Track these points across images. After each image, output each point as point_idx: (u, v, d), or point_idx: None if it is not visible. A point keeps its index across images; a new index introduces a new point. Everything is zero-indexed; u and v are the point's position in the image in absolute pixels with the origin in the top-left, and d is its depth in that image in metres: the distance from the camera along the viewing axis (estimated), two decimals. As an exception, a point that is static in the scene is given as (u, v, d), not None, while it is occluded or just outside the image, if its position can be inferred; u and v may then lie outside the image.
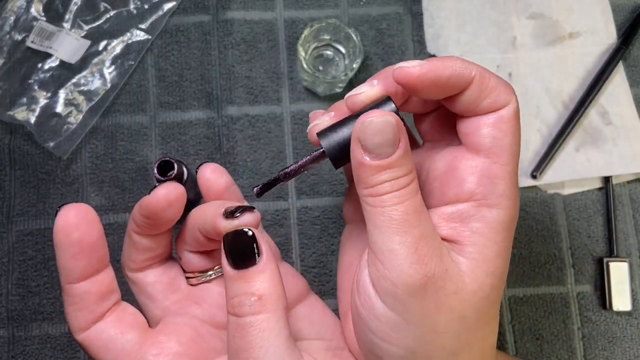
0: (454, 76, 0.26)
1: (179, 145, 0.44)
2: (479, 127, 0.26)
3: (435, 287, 0.25)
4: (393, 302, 0.25)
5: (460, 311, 0.25)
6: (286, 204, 0.43)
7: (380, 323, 0.26)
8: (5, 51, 0.45)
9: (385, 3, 0.47)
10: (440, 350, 0.26)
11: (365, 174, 0.26)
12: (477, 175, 0.26)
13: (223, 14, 0.46)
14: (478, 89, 0.26)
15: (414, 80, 0.26)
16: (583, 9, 0.47)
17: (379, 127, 0.25)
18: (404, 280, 0.25)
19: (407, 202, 0.25)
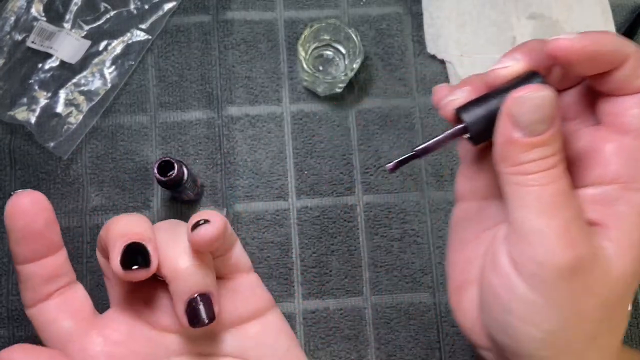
0: (614, 52, 0.25)
1: (179, 146, 0.44)
2: (630, 107, 0.25)
3: (584, 271, 0.24)
4: (539, 284, 0.24)
5: (604, 296, 0.25)
6: (286, 204, 0.44)
7: (520, 304, 0.25)
8: (6, 51, 0.45)
9: (385, 3, 0.47)
10: (581, 335, 0.25)
11: (514, 152, 0.25)
12: (624, 157, 0.25)
13: (223, 14, 0.46)
14: (633, 66, 0.25)
15: (576, 52, 0.24)
16: (583, 9, 0.47)
17: (537, 102, 0.24)
18: (554, 263, 0.24)
19: (558, 182, 0.25)
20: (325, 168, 0.44)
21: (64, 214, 0.43)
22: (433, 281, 0.43)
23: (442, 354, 0.42)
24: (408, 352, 0.42)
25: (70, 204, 0.43)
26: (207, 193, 0.44)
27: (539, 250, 0.24)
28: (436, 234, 0.43)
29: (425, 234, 0.43)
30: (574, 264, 0.24)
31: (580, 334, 0.25)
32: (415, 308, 0.42)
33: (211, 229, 0.26)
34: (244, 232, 0.43)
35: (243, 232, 0.43)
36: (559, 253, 0.24)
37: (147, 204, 0.43)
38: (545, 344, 0.25)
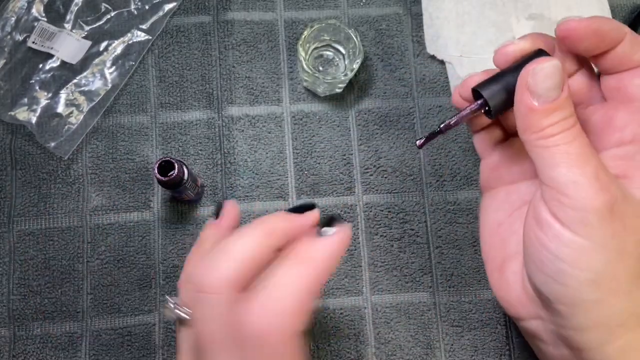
0: (613, 30, 0.28)
1: (179, 146, 0.44)
2: (632, 78, 0.29)
3: (620, 210, 0.27)
4: (583, 228, 0.27)
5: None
6: (286, 203, 0.44)
7: (570, 249, 0.27)
8: (7, 51, 0.45)
9: (385, 4, 0.47)
10: (626, 273, 0.27)
11: (536, 118, 0.28)
12: (637, 119, 0.28)
13: (223, 14, 0.47)
14: (630, 43, 0.29)
15: (583, 29, 0.28)
16: (582, 10, 0.47)
17: (549, 71, 0.27)
18: (593, 206, 0.26)
19: (579, 138, 0.27)
20: (325, 168, 0.44)
21: (64, 214, 0.43)
22: (432, 281, 0.43)
23: (442, 353, 0.42)
24: (408, 351, 0.42)
25: (70, 203, 0.43)
26: (207, 193, 0.44)
27: (578, 198, 0.27)
28: (436, 233, 0.43)
29: (425, 233, 0.44)
30: (610, 204, 0.26)
31: (626, 273, 0.27)
32: (414, 308, 0.42)
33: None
34: (244, 232, 0.43)
35: (243, 232, 0.43)
36: (595, 196, 0.26)
37: (147, 203, 0.43)
38: (594, 286, 0.27)
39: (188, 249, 0.43)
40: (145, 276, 0.42)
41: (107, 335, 0.41)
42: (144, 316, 0.42)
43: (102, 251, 0.43)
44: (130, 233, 0.43)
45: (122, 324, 0.42)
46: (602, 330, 0.28)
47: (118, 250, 0.43)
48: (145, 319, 0.42)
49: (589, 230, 0.27)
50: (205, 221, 0.43)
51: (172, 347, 0.41)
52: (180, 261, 0.43)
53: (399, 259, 0.43)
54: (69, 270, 0.42)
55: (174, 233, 0.43)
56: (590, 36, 0.29)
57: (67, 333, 0.41)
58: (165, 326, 0.42)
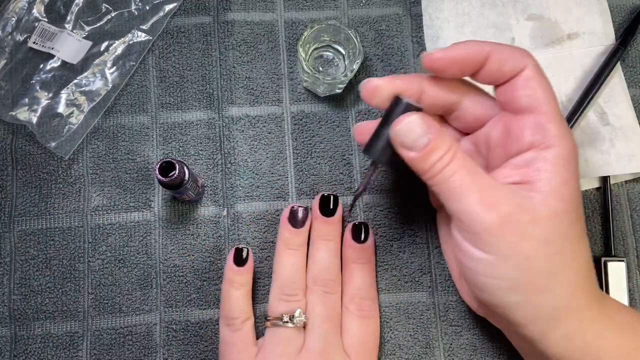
0: (470, 54, 0.32)
1: (180, 146, 0.45)
2: (513, 92, 0.32)
3: (512, 222, 0.30)
4: (484, 245, 0.31)
5: (542, 235, 0.30)
6: (286, 204, 0.44)
7: (482, 265, 0.31)
8: (7, 52, 0.45)
9: (385, 4, 0.47)
10: (538, 273, 0.30)
11: (419, 165, 0.32)
12: (530, 128, 0.31)
13: (224, 15, 0.47)
14: (496, 60, 0.32)
15: (438, 61, 0.32)
16: (581, 10, 0.47)
17: (408, 127, 0.31)
18: (484, 227, 0.30)
19: (460, 170, 0.31)
20: (325, 168, 0.44)
21: (65, 214, 0.43)
22: (432, 280, 0.43)
23: (441, 352, 0.42)
24: (407, 350, 0.42)
25: (71, 204, 0.43)
26: (207, 193, 0.44)
27: (470, 223, 0.31)
28: (435, 233, 0.43)
29: (424, 233, 0.44)
30: (499, 221, 0.30)
31: (537, 273, 0.30)
32: (414, 307, 0.43)
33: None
34: (245, 232, 0.43)
35: (243, 232, 0.43)
36: (482, 219, 0.30)
37: (148, 204, 0.44)
38: (514, 290, 0.31)
39: (189, 249, 0.43)
40: (146, 276, 0.42)
41: (108, 334, 0.42)
42: (144, 316, 0.42)
43: (103, 251, 0.43)
44: (130, 233, 0.43)
45: (123, 323, 0.42)
46: (539, 324, 0.31)
47: (119, 250, 0.43)
48: (146, 318, 0.42)
49: (489, 247, 0.30)
50: (205, 221, 0.43)
51: (173, 346, 0.41)
52: (181, 261, 0.43)
53: (398, 259, 0.43)
54: (70, 270, 0.42)
55: (175, 233, 0.43)
56: (451, 65, 0.32)
57: (68, 333, 0.42)
58: (166, 326, 0.42)
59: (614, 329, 0.32)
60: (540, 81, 0.32)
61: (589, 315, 0.31)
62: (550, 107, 0.31)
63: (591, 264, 0.32)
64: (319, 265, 0.40)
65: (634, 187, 0.45)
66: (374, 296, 0.41)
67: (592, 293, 0.32)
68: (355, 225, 0.41)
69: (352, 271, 0.41)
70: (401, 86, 0.34)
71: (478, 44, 0.32)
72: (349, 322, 0.39)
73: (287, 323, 0.38)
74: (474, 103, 0.35)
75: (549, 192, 0.30)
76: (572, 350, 0.31)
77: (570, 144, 0.31)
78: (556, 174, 0.30)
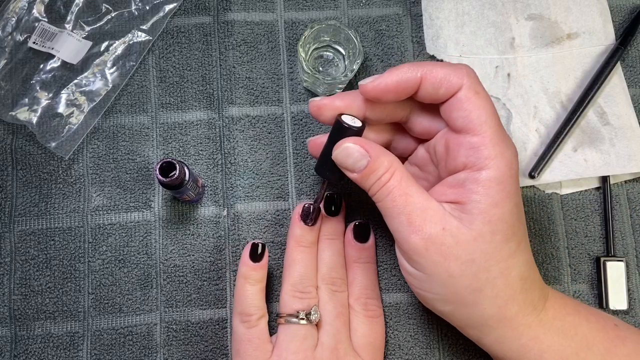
0: (402, 80, 0.33)
1: (180, 146, 0.45)
2: (450, 112, 0.33)
3: (436, 244, 0.32)
4: (413, 263, 0.33)
5: (466, 256, 0.32)
6: (286, 204, 0.44)
7: (413, 279, 0.34)
8: (7, 52, 0.45)
9: (385, 4, 0.47)
10: (464, 289, 0.32)
11: (361, 184, 0.34)
12: (464, 149, 0.32)
13: (224, 15, 0.47)
14: (429, 83, 0.33)
15: (371, 91, 0.34)
16: (581, 10, 0.47)
17: (346, 152, 0.34)
18: (410, 247, 0.32)
19: (393, 191, 0.33)
20: (325, 168, 0.44)
21: (65, 214, 0.43)
22: (432, 280, 0.43)
23: (441, 352, 0.42)
24: (407, 351, 0.42)
25: (71, 204, 0.43)
26: (207, 193, 0.44)
27: (400, 242, 0.33)
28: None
29: (425, 233, 0.44)
30: (423, 243, 0.32)
31: (463, 289, 0.32)
32: (414, 307, 0.43)
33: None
34: (245, 232, 0.43)
35: (244, 232, 0.43)
36: (409, 239, 0.32)
37: (148, 204, 0.44)
38: (444, 301, 0.33)
39: (189, 249, 0.43)
40: (146, 276, 0.42)
41: (108, 335, 0.42)
42: (145, 316, 0.42)
43: (103, 251, 0.43)
44: (131, 233, 0.43)
45: (123, 323, 0.42)
46: (474, 329, 0.34)
47: (119, 250, 0.43)
48: (146, 318, 0.42)
49: (417, 264, 0.33)
50: (205, 221, 0.43)
51: (173, 346, 0.42)
52: (181, 261, 0.43)
53: (398, 259, 0.43)
54: (70, 270, 0.42)
55: (175, 233, 0.43)
56: (384, 93, 0.33)
57: (68, 333, 0.42)
58: (166, 326, 0.42)
59: (553, 332, 0.34)
60: (476, 100, 0.32)
61: (525, 322, 0.33)
62: (487, 126, 0.32)
63: (529, 274, 0.34)
64: (326, 264, 0.40)
65: (633, 187, 0.45)
66: (378, 295, 0.42)
67: (527, 301, 0.33)
68: (356, 225, 0.42)
69: (355, 271, 0.41)
70: (342, 105, 0.35)
71: (411, 69, 0.33)
72: (356, 322, 0.39)
73: (302, 320, 0.38)
74: (420, 118, 0.36)
75: (477, 214, 0.31)
76: (507, 351, 0.34)
77: (504, 165, 0.31)
78: (486, 197, 0.31)
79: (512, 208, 0.32)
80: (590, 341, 0.34)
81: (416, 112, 0.36)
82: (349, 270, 0.41)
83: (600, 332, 0.35)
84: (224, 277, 0.43)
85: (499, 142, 0.32)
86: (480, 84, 0.33)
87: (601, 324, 0.35)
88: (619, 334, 0.35)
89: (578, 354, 0.33)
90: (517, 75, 0.46)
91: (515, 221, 0.32)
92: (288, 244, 0.41)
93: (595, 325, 0.35)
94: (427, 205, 0.32)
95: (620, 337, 0.35)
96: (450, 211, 0.32)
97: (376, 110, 0.36)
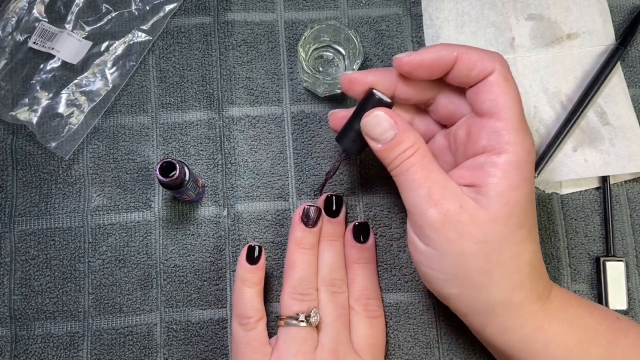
0: (438, 57, 0.33)
1: (180, 146, 0.45)
2: (477, 95, 0.33)
3: (452, 220, 0.32)
4: (426, 239, 0.33)
5: (481, 236, 0.32)
6: (286, 204, 0.44)
7: (424, 257, 0.34)
8: (8, 52, 0.45)
9: (385, 4, 0.48)
10: (475, 270, 0.32)
11: (383, 156, 0.34)
12: (486, 132, 0.33)
13: (224, 15, 0.47)
14: (464, 64, 0.33)
15: (405, 65, 0.34)
16: (581, 10, 0.47)
17: (375, 121, 0.34)
18: (426, 221, 0.32)
19: (416, 165, 0.33)
20: (325, 168, 0.44)
21: (65, 214, 0.43)
22: (432, 280, 0.43)
23: (440, 352, 0.42)
24: (407, 351, 0.42)
25: (71, 204, 0.43)
26: (208, 193, 0.44)
27: (416, 216, 0.33)
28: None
29: (425, 233, 0.44)
30: (440, 217, 0.32)
31: (473, 270, 0.32)
32: (414, 307, 0.43)
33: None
34: (245, 232, 0.43)
35: (244, 232, 0.43)
36: (427, 213, 0.32)
37: (148, 204, 0.44)
38: (453, 282, 0.33)
39: (189, 249, 0.43)
40: (146, 276, 0.42)
41: (108, 335, 0.42)
42: (145, 316, 0.42)
43: (103, 251, 0.43)
44: (131, 233, 0.43)
45: (123, 323, 0.42)
46: (478, 315, 0.34)
47: (119, 250, 0.43)
48: (146, 318, 0.42)
49: (430, 240, 0.33)
50: (205, 221, 0.43)
51: (173, 346, 0.42)
52: (181, 261, 0.43)
53: (398, 259, 0.43)
54: (70, 270, 0.43)
55: (175, 233, 0.43)
56: (418, 68, 0.34)
57: (68, 333, 0.42)
58: (166, 326, 0.42)
59: (557, 323, 0.33)
60: (505, 87, 0.33)
61: (530, 310, 0.33)
62: (511, 113, 0.32)
63: (537, 263, 0.34)
64: (327, 266, 0.40)
65: (633, 187, 0.45)
66: (378, 296, 0.42)
67: (533, 290, 0.33)
68: (355, 226, 0.42)
69: (355, 271, 0.41)
70: (374, 80, 0.36)
71: (447, 48, 0.33)
72: (357, 322, 0.39)
73: (302, 322, 0.38)
74: (446, 100, 0.36)
75: (494, 196, 0.32)
76: (511, 342, 0.33)
77: (523, 152, 0.32)
78: (504, 179, 0.32)
79: (527, 195, 0.32)
80: (594, 332, 0.34)
81: (443, 95, 0.37)
82: (349, 271, 0.41)
83: (603, 325, 0.35)
84: (224, 277, 0.43)
85: (520, 130, 0.32)
86: (510, 73, 0.33)
87: (603, 317, 0.35)
88: (621, 326, 0.35)
89: (582, 345, 0.33)
90: (517, 75, 0.46)
91: (529, 208, 0.33)
92: (289, 246, 0.41)
93: (597, 317, 0.35)
94: (447, 183, 0.33)
95: (623, 329, 0.35)
96: (468, 193, 0.33)
97: (406, 89, 0.36)
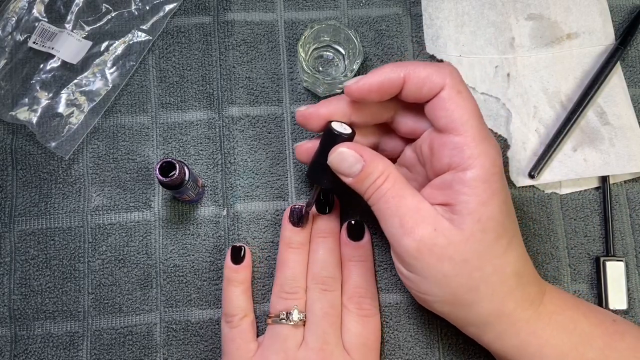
0: (385, 80, 0.33)
1: (180, 146, 0.45)
2: (433, 111, 0.33)
3: (428, 246, 0.32)
4: (408, 266, 0.33)
5: (459, 256, 0.32)
6: (286, 204, 0.44)
7: (410, 282, 0.34)
8: (7, 52, 0.45)
9: (385, 4, 0.48)
10: (460, 289, 0.32)
11: (356, 188, 0.35)
12: (447, 149, 0.32)
13: (224, 15, 0.47)
14: (412, 83, 0.33)
15: (355, 92, 0.34)
16: (581, 10, 0.48)
17: (339, 158, 0.35)
18: (404, 251, 0.32)
19: (387, 194, 0.33)
20: (325, 168, 0.44)
21: (65, 214, 0.43)
22: (432, 280, 0.43)
23: (440, 352, 0.42)
24: (407, 351, 0.42)
25: (71, 203, 0.43)
26: (207, 193, 0.44)
27: (393, 245, 0.33)
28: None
29: (424, 233, 0.44)
30: (416, 245, 0.32)
31: (460, 289, 0.32)
32: (414, 307, 0.43)
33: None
34: (244, 231, 0.43)
35: (243, 231, 0.43)
36: (402, 243, 0.32)
37: (148, 204, 0.44)
38: (442, 303, 0.34)
39: (189, 249, 0.43)
40: (146, 276, 0.43)
41: (108, 334, 0.42)
42: (145, 316, 0.42)
43: (103, 251, 0.43)
44: (131, 233, 0.43)
45: (123, 323, 0.42)
46: (474, 327, 0.34)
47: (119, 250, 0.43)
48: (146, 318, 0.42)
49: (412, 267, 0.33)
50: (205, 221, 0.43)
51: (173, 346, 0.42)
52: (181, 261, 0.43)
53: (398, 259, 0.43)
54: (70, 270, 0.43)
55: (175, 233, 0.43)
56: (369, 93, 0.34)
57: (68, 333, 0.42)
58: (166, 326, 0.42)
59: (551, 327, 0.34)
60: (458, 100, 0.32)
61: (523, 317, 0.33)
62: (469, 126, 0.32)
63: (524, 270, 0.34)
64: (317, 263, 0.40)
65: (633, 187, 0.45)
66: (373, 294, 0.41)
67: (524, 297, 0.34)
68: (350, 224, 0.42)
69: (350, 269, 0.41)
70: (328, 113, 0.36)
71: (394, 68, 0.33)
72: (348, 321, 0.39)
73: (283, 320, 0.38)
74: (405, 118, 0.37)
75: (466, 214, 0.31)
76: (507, 347, 0.34)
77: (488, 163, 0.32)
78: (473, 196, 0.31)
79: (501, 205, 0.32)
80: (589, 336, 0.34)
81: (401, 112, 0.37)
82: (344, 269, 0.41)
83: (599, 327, 0.35)
84: (223, 277, 0.43)
85: (481, 141, 0.32)
86: (463, 84, 0.33)
87: (600, 319, 0.35)
88: (617, 329, 0.35)
89: (577, 348, 0.33)
90: (517, 75, 0.46)
91: (505, 218, 0.33)
92: (279, 246, 0.41)
93: (594, 320, 0.35)
94: (419, 207, 0.33)
95: (619, 332, 0.35)
96: (442, 213, 0.32)
97: (361, 113, 0.36)
